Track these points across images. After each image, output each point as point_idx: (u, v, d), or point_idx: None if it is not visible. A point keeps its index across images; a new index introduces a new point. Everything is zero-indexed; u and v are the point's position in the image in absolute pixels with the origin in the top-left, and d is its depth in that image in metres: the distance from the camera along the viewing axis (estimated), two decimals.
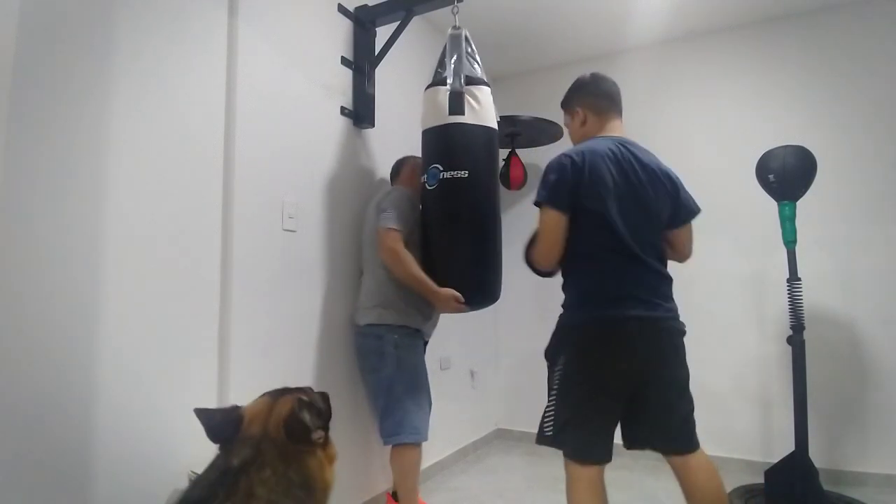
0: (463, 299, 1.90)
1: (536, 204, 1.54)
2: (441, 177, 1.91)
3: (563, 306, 1.58)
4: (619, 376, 1.45)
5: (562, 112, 1.76)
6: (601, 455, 1.46)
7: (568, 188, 1.47)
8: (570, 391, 1.49)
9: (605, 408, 1.47)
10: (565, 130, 1.82)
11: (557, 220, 1.49)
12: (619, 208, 1.47)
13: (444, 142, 1.93)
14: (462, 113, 1.89)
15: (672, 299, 1.55)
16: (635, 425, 1.54)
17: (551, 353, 1.57)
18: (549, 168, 1.52)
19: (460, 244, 1.94)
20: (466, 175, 1.89)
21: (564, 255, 1.53)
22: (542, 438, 1.54)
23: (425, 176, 1.97)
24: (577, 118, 1.67)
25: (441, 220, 1.96)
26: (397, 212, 1.96)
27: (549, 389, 1.54)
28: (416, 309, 2.01)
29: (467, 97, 1.90)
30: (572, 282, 1.57)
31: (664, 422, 1.52)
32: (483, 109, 1.92)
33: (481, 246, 1.95)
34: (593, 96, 1.65)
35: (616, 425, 1.51)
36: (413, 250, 1.97)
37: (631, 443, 1.56)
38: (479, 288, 1.97)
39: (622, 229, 1.47)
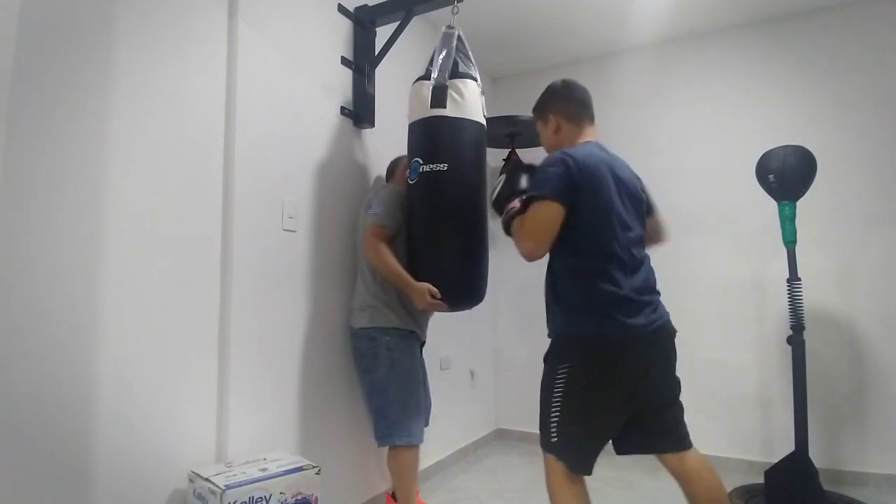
0: (439, 294, 1.86)
1: (531, 198, 1.48)
2: (420, 170, 1.88)
3: (563, 307, 1.52)
4: (631, 388, 1.44)
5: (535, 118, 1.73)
6: (591, 469, 1.45)
7: (570, 183, 1.43)
8: (579, 402, 1.44)
9: (614, 422, 1.46)
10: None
11: (557, 213, 1.43)
12: (617, 207, 1.48)
13: (425, 135, 1.90)
14: (444, 106, 1.85)
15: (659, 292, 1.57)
16: (634, 431, 1.50)
17: (556, 356, 1.51)
18: (548, 163, 1.48)
19: (439, 240, 1.89)
20: (445, 168, 1.85)
21: (564, 253, 1.50)
22: (548, 445, 1.48)
23: (408, 171, 1.95)
24: (550, 126, 1.65)
25: (420, 215, 1.92)
26: (384, 208, 1.95)
27: (549, 393, 1.48)
28: (406, 310, 2.00)
29: (450, 91, 1.86)
30: (576, 283, 1.50)
31: (662, 423, 1.52)
32: (466, 103, 1.87)
33: (462, 242, 1.89)
34: (566, 103, 1.64)
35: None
36: (400, 248, 1.96)
37: (626, 448, 1.53)
38: (457, 286, 1.91)
39: (622, 228, 1.48)
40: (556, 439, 1.45)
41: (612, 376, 1.42)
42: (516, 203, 1.56)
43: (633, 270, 1.48)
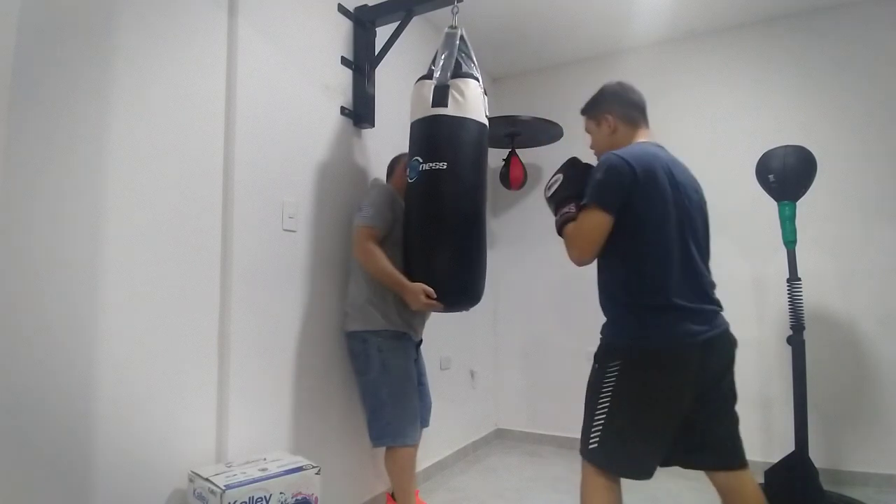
0: (434, 294, 1.84)
1: (583, 206, 1.46)
2: (420, 169, 1.87)
3: (619, 304, 1.47)
4: (685, 397, 1.41)
5: (583, 118, 1.69)
6: (649, 474, 1.40)
7: (620, 190, 1.40)
8: (629, 405, 1.39)
9: (667, 427, 1.41)
10: (564, 133, 1.76)
11: (602, 222, 1.41)
12: (674, 211, 1.43)
13: (425, 133, 1.89)
14: (445, 105, 1.84)
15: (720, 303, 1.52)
16: (687, 441, 1.46)
17: (608, 354, 1.46)
18: (600, 168, 1.45)
19: (436, 239, 1.87)
20: (445, 167, 1.84)
21: (613, 256, 1.45)
22: (588, 452, 1.43)
23: (408, 169, 1.94)
24: (606, 126, 1.61)
25: (418, 214, 1.91)
26: (373, 209, 1.95)
27: (596, 395, 1.43)
28: (398, 311, 1.98)
29: (451, 90, 1.85)
30: (623, 286, 1.46)
31: (717, 435, 1.49)
32: (467, 102, 1.86)
33: (459, 241, 1.88)
34: (625, 106, 1.61)
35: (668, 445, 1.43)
36: (393, 248, 1.95)
37: (675, 461, 1.48)
38: (454, 286, 1.88)
39: (678, 233, 1.43)
40: (595, 445, 1.40)
41: (665, 382, 1.38)
42: (572, 207, 1.52)
43: (688, 276, 1.43)
